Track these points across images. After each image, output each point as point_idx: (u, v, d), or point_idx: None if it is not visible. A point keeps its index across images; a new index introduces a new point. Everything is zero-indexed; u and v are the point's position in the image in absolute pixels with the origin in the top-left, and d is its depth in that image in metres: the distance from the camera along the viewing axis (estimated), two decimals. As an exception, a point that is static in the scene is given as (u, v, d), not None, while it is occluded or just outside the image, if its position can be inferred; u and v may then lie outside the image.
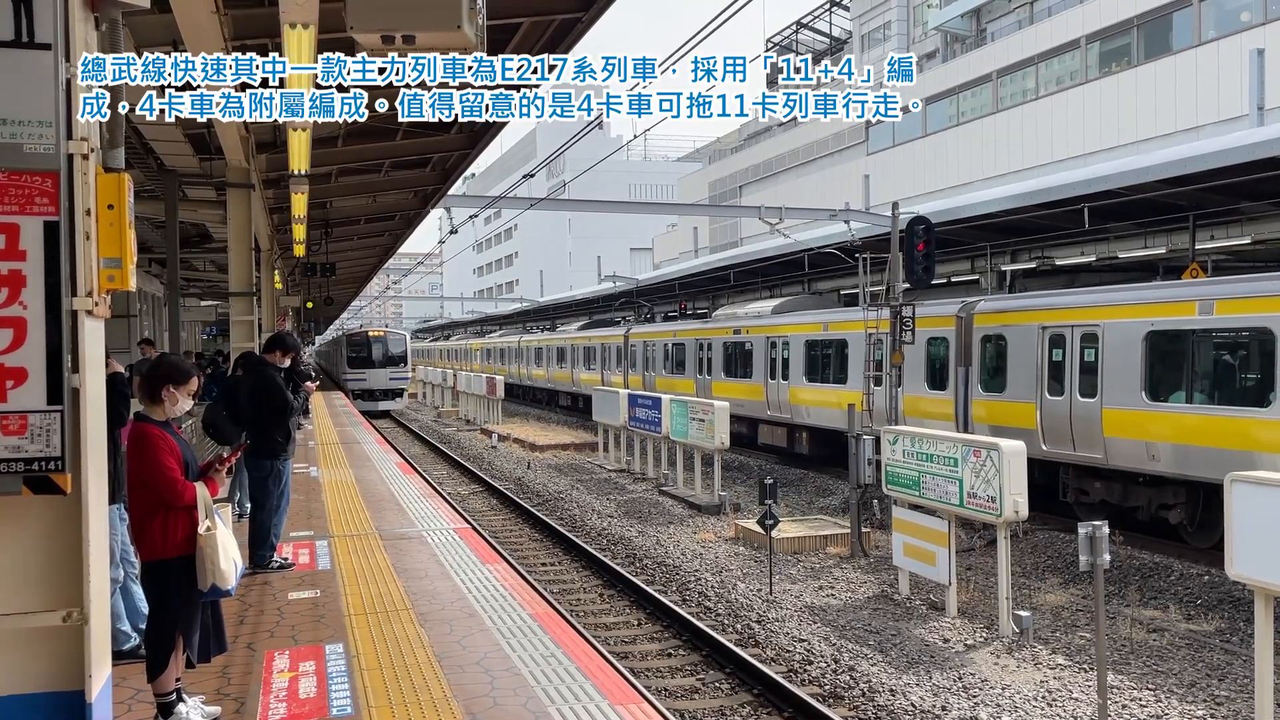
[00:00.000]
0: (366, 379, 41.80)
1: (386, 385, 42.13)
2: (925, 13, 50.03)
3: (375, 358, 41.98)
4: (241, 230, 15.16)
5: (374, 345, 42.41)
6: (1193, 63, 29.97)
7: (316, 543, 9.82)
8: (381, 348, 42.37)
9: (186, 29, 8.35)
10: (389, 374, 42.12)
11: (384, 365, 42.00)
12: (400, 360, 42.59)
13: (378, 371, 41.93)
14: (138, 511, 5.09)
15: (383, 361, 42.03)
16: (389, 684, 5.75)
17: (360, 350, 42.35)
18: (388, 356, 42.23)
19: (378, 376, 41.97)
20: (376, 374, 41.93)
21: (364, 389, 41.55)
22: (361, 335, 43.96)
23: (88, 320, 3.66)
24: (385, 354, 42.22)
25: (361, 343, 42.84)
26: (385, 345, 42.64)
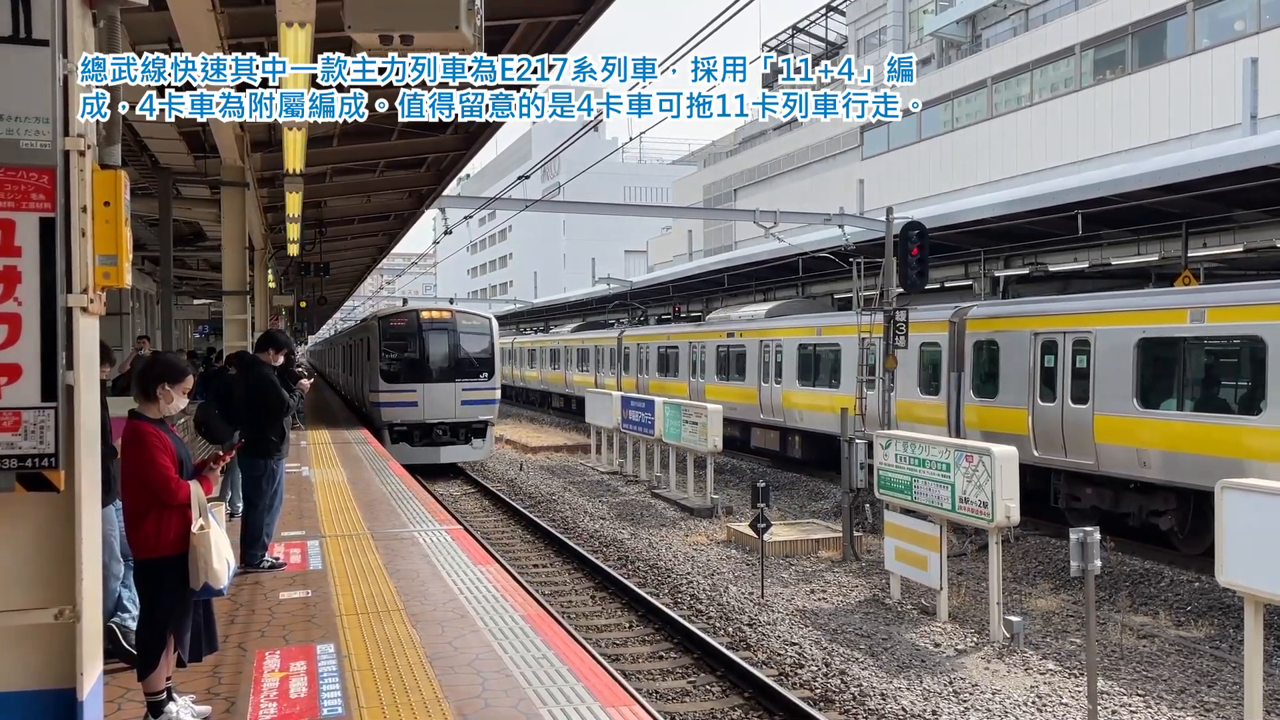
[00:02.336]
0: (420, 401, 23.08)
1: (458, 414, 23.31)
2: (920, 18, 50.14)
3: (436, 360, 23.52)
4: (236, 229, 15.14)
5: (433, 337, 23.74)
6: (1187, 71, 30.08)
7: (308, 543, 9.80)
8: (448, 342, 23.74)
9: (183, 27, 8.34)
10: (463, 391, 23.33)
11: (453, 375, 23.37)
12: (483, 365, 23.83)
13: (441, 388, 23.22)
14: (132, 509, 5.08)
15: (450, 368, 23.48)
16: (380, 684, 5.74)
17: (407, 347, 23.80)
18: (460, 359, 23.66)
19: (441, 398, 23.22)
20: (439, 392, 23.20)
21: (414, 422, 23.04)
22: (409, 320, 24.14)
23: (82, 317, 3.65)
24: (455, 354, 23.66)
25: (409, 332, 23.84)
26: (454, 338, 23.82)
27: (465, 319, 24.17)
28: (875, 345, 17.34)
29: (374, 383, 23.52)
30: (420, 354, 23.42)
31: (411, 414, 22.93)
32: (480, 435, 23.58)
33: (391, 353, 23.56)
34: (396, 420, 22.98)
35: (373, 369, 23.71)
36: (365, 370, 25.21)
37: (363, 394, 26.18)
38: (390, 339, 23.68)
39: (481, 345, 24.00)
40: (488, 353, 23.89)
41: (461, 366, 23.44)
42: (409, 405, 22.95)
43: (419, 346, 23.48)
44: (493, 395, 23.66)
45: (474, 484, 22.31)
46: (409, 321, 23.85)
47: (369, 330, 24.83)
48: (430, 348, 23.46)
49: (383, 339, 23.57)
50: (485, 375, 23.60)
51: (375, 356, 23.57)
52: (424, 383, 23.07)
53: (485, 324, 24.31)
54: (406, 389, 23.01)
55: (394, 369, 23.34)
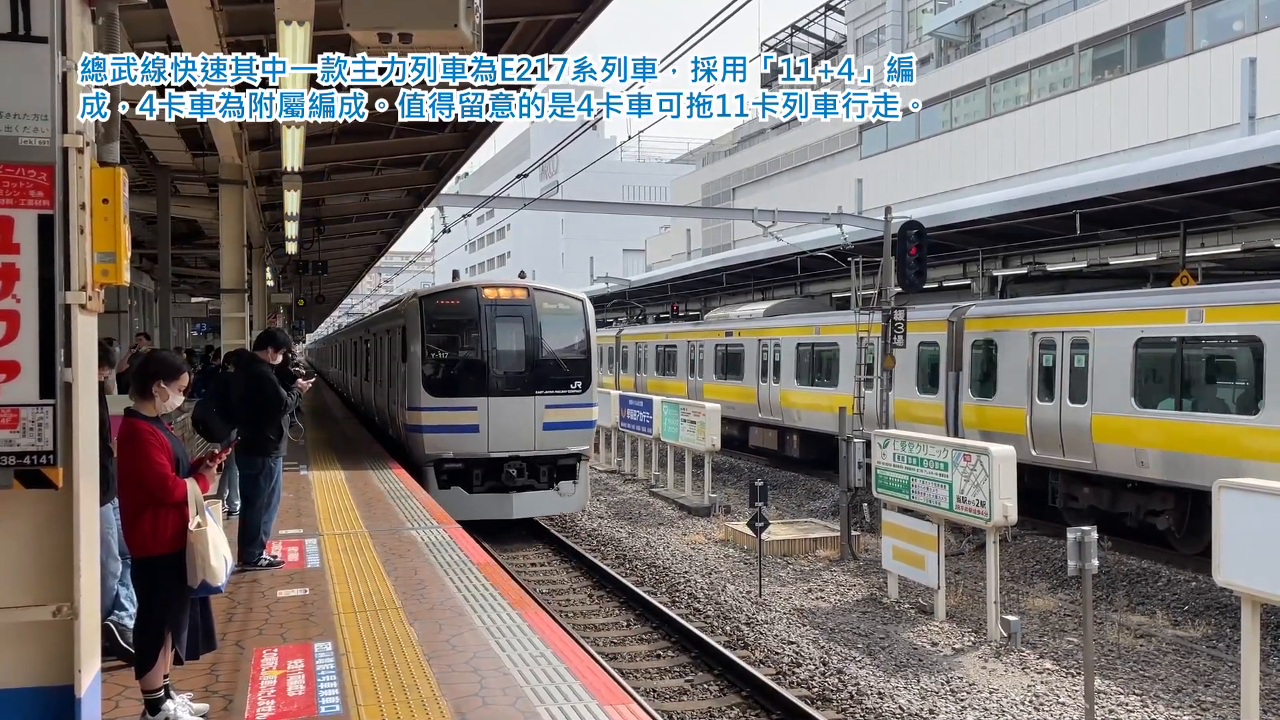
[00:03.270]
0: (483, 425, 15.83)
1: (540, 444, 16.03)
2: (919, 18, 50.13)
3: (506, 362, 16.17)
4: (234, 227, 15.13)
5: (502, 328, 16.29)
6: (1185, 71, 30.09)
7: (306, 540, 9.80)
8: (524, 335, 16.35)
9: (182, 25, 8.33)
10: (547, 410, 16.09)
11: (531, 384, 16.13)
12: (575, 370, 16.51)
13: (515, 404, 15.99)
14: (128, 507, 5.07)
15: (527, 374, 16.18)
16: (378, 682, 5.74)
17: (462, 340, 16.60)
18: (542, 360, 16.38)
19: (513, 419, 15.95)
20: (511, 411, 15.95)
21: (474, 456, 15.74)
22: (465, 300, 16.56)
23: (81, 314, 3.66)
24: (534, 352, 16.33)
25: (465, 319, 16.45)
26: (533, 328, 16.39)
27: (548, 300, 16.46)
28: (873, 344, 17.36)
29: (411, 395, 15.72)
30: (483, 352, 15.79)
31: (469, 443, 15.41)
32: (570, 475, 15.98)
33: (438, 350, 15.99)
34: (446, 453, 15.38)
35: (409, 375, 15.82)
36: (396, 376, 17.18)
37: (389, 410, 18.44)
38: (436, 329, 16.05)
39: (573, 339, 16.40)
40: (582, 351, 16.36)
41: (544, 372, 15.95)
42: (465, 431, 15.40)
43: (481, 341, 15.84)
44: (589, 416, 16.26)
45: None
46: (465, 303, 16.11)
47: (403, 317, 16.67)
48: (497, 343, 15.81)
49: (426, 330, 15.85)
50: (578, 385, 16.09)
51: (413, 356, 15.78)
52: (488, 395, 15.52)
53: (577, 308, 16.57)
54: (461, 406, 15.45)
55: (442, 375, 15.80)
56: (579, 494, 16.38)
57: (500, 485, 15.53)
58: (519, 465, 15.57)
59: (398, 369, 16.94)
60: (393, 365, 17.91)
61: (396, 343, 17.36)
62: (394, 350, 17.73)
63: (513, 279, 17.69)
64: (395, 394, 17.37)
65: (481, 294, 16.20)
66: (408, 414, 15.97)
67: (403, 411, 16.32)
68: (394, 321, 18.19)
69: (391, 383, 18.07)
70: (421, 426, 15.56)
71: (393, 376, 17.87)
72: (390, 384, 18.34)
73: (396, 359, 17.20)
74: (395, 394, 17.37)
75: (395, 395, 17.37)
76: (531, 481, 15.71)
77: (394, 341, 17.81)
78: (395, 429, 17.90)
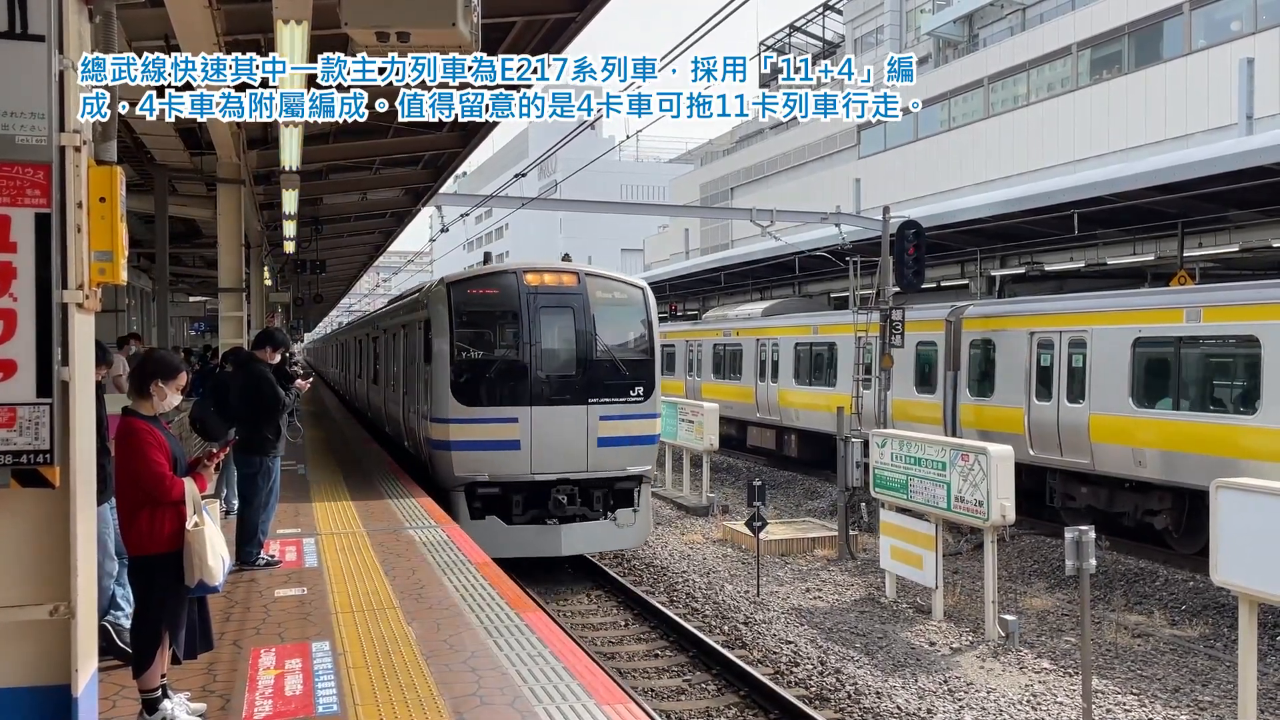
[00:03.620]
0: (526, 440, 13.05)
1: (594, 464, 13.28)
2: (918, 18, 50.16)
3: (554, 363, 13.43)
4: (232, 226, 15.13)
5: (549, 321, 13.53)
6: (1183, 71, 30.12)
7: (304, 540, 9.80)
8: (574, 329, 13.53)
9: (179, 24, 8.33)
10: (602, 421, 13.31)
11: (584, 391, 13.32)
12: (636, 374, 13.67)
13: (564, 415, 13.20)
14: (125, 506, 5.07)
15: (579, 378, 13.38)
16: (375, 682, 5.74)
17: (499, 336, 13.79)
18: (597, 361, 13.48)
19: (562, 432, 13.18)
20: (559, 423, 13.17)
21: (514, 478, 13.01)
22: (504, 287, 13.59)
23: (78, 313, 3.65)
24: (587, 351, 13.49)
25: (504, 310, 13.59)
26: (586, 321, 13.54)
27: (603, 288, 13.78)
28: (871, 344, 17.36)
29: (436, 404, 13.21)
30: (525, 351, 13.15)
31: (508, 463, 12.87)
32: (628, 501, 13.44)
33: (470, 348, 13.26)
34: (479, 475, 12.79)
35: (434, 379, 13.27)
36: (416, 380, 14.76)
37: (406, 420, 15.99)
38: (468, 322, 13.39)
39: (633, 335, 13.86)
40: (643, 349, 13.79)
41: (598, 375, 13.28)
42: (503, 448, 12.87)
43: (522, 337, 13.19)
44: (651, 429, 13.69)
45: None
46: (503, 290, 13.43)
47: (426, 308, 14.04)
48: (543, 339, 13.27)
49: (455, 323, 13.21)
50: (639, 392, 13.48)
51: (439, 356, 13.18)
52: (531, 405, 12.98)
53: (637, 297, 13.95)
54: (499, 417, 12.89)
55: (475, 379, 13.08)
56: (640, 525, 13.64)
57: (546, 515, 13.03)
58: (569, 490, 13.04)
59: (419, 372, 14.41)
60: (412, 367, 15.29)
61: (417, 340, 14.69)
62: (413, 349, 15.15)
63: (559, 263, 14.44)
64: (415, 402, 14.85)
65: (523, 279, 13.38)
66: (432, 427, 13.30)
67: (426, 424, 13.70)
68: (414, 314, 15.52)
69: (410, 388, 15.64)
70: (450, 442, 12.90)
71: (411, 381, 15.40)
72: (408, 390, 15.81)
73: (417, 359, 14.65)
74: (415, 402, 14.85)
75: (415, 403, 14.84)
76: (584, 510, 13.13)
77: (414, 338, 15.19)
78: (414, 443, 15.21)
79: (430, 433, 13.47)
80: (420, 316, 14.50)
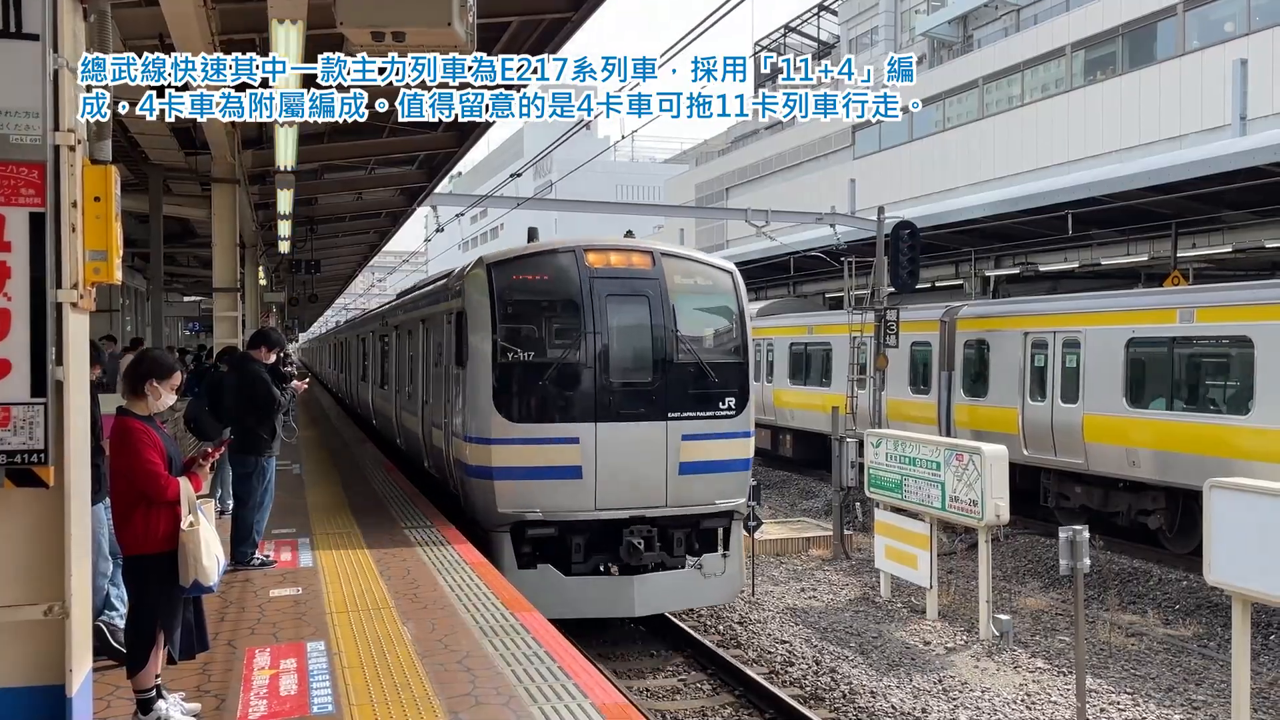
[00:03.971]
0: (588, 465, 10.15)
1: (674, 496, 10.31)
2: (913, 18, 50.24)
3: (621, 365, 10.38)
4: (226, 225, 15.09)
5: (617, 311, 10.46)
6: (1177, 72, 30.19)
7: (299, 540, 9.78)
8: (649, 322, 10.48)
9: (173, 23, 8.31)
10: (685, 442, 10.38)
11: (662, 404, 10.36)
12: (727, 380, 10.72)
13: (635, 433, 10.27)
14: (120, 506, 5.06)
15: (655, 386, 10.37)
16: (370, 682, 5.73)
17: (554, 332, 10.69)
18: (678, 365, 10.47)
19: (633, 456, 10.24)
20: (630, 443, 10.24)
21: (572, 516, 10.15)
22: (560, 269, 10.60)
23: (72, 313, 3.65)
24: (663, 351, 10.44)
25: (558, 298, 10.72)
26: (662, 313, 10.48)
27: (684, 271, 11.01)
28: (866, 344, 17.39)
29: (473, 419, 10.53)
30: (589, 350, 10.38)
31: (567, 495, 10.21)
32: (713, 543, 10.79)
33: (518, 348, 10.47)
34: (529, 510, 10.14)
35: (470, 388, 10.61)
36: (444, 388, 11.93)
37: (428, 438, 13.06)
38: (515, 315, 10.66)
39: (720, 331, 11.17)
40: (735, 349, 11.02)
41: (681, 383, 10.54)
42: (561, 476, 10.21)
43: (585, 333, 10.39)
44: (745, 452, 11.00)
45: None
46: (559, 274, 10.71)
47: (460, 296, 11.19)
48: (611, 336, 10.46)
49: (499, 316, 10.46)
50: (729, 404, 10.76)
51: (478, 358, 10.49)
52: (596, 421, 10.26)
53: (725, 283, 11.15)
54: (555, 437, 10.26)
55: (525, 387, 10.40)
56: (731, 574, 10.70)
57: (615, 562, 10.35)
58: (645, 532, 10.13)
59: (448, 377, 11.52)
60: (438, 372, 12.36)
61: (445, 337, 11.84)
62: (440, 348, 12.23)
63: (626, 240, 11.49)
64: (442, 415, 11.90)
65: (584, 260, 10.46)
66: (468, 449, 10.49)
67: (457, 444, 10.93)
68: (441, 305, 12.38)
69: (434, 397, 12.60)
70: (491, 469, 10.10)
71: (436, 388, 12.45)
72: (432, 399, 12.79)
73: (444, 361, 11.81)
74: (442, 415, 11.90)
75: (442, 417, 11.90)
76: (662, 556, 10.28)
77: (440, 335, 12.25)
78: (439, 466, 12.29)
79: (464, 455, 10.66)
80: (450, 308, 11.60)
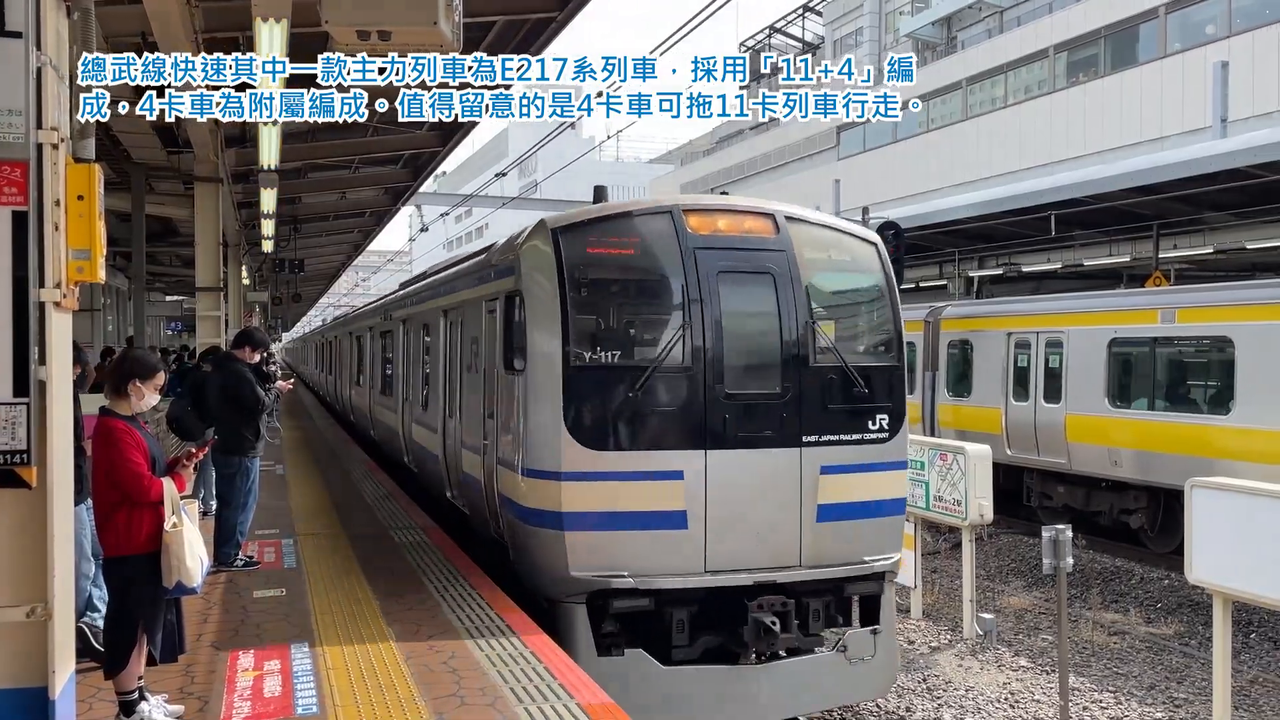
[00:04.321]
0: (694, 510, 7.13)
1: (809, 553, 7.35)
2: (897, 20, 50.41)
3: (740, 368, 7.38)
4: (209, 225, 15.02)
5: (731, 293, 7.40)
6: (1158, 74, 30.39)
7: (283, 541, 9.73)
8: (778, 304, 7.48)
9: (157, 21, 8.27)
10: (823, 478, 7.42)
11: (795, 423, 7.36)
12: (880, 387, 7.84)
13: (761, 463, 7.30)
14: (102, 507, 5.02)
15: (784, 394, 7.38)
16: (355, 683, 5.71)
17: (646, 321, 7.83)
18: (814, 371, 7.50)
19: (760, 491, 7.26)
20: (753, 476, 7.27)
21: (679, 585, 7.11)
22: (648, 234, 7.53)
23: (55, 312, 3.62)
24: (798, 345, 7.44)
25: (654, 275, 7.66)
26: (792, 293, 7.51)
27: (814, 243, 8.13)
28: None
29: (534, 443, 7.40)
30: (694, 348, 7.35)
31: (664, 552, 7.22)
32: (863, 615, 8.04)
33: (595, 346, 7.47)
34: (614, 573, 7.12)
35: (528, 400, 7.45)
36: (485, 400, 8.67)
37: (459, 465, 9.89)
38: (593, 302, 7.70)
39: (868, 323, 8.82)
40: (886, 345, 8.41)
41: (819, 393, 7.62)
42: (659, 524, 7.23)
43: (689, 324, 7.37)
44: (897, 489, 8.03)
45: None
46: (653, 244, 7.66)
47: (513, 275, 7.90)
48: (724, 326, 7.44)
49: (572, 302, 7.32)
50: (882, 421, 7.83)
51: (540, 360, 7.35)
52: (707, 447, 7.27)
53: (869, 259, 8.49)
54: (650, 470, 7.23)
55: (608, 401, 7.27)
56: (884, 657, 7.76)
57: (733, 645, 7.29)
58: (779, 605, 7.26)
59: (491, 386, 8.40)
60: (473, 378, 9.15)
61: (486, 331, 8.66)
62: (476, 347, 9.04)
63: (729, 198, 8.73)
64: (479, 435, 8.72)
65: (684, 224, 7.52)
66: (525, 485, 7.49)
67: (508, 477, 7.82)
68: (479, 288, 9.12)
69: (467, 412, 9.40)
70: (562, 515, 7.17)
71: (470, 400, 9.23)
72: (465, 415, 9.51)
73: (483, 365, 8.72)
74: (479, 435, 8.72)
75: (479, 438, 8.71)
76: (797, 637, 7.38)
77: (476, 329, 9.05)
78: (475, 502, 9.10)
79: (518, 494, 7.55)
80: (495, 292, 8.34)
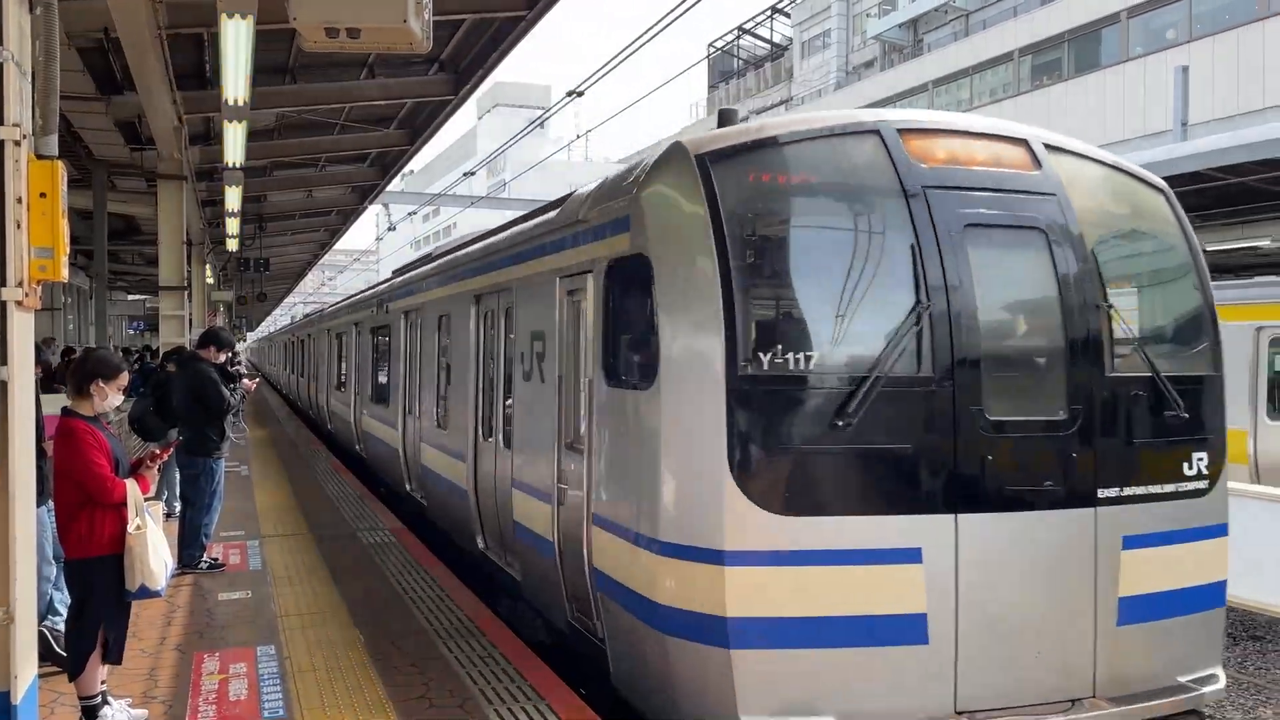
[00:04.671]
0: (940, 614, 4.41)
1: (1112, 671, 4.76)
2: (864, 22, 50.75)
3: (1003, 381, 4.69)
4: (173, 223, 14.82)
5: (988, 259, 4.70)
6: (1120, 78, 30.82)
7: (248, 543, 9.65)
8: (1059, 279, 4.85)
9: (120, 16, 8.16)
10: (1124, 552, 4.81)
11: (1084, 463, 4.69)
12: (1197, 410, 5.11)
13: (1039, 532, 4.64)
14: (64, 508, 4.95)
15: (1070, 420, 4.71)
16: (322, 686, 5.67)
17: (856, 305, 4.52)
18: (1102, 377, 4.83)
19: (1039, 580, 4.61)
20: (1030, 558, 4.61)
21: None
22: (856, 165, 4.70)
23: (17, 311, 3.56)
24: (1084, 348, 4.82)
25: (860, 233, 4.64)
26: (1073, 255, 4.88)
27: (1088, 183, 5.53)
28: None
29: (675, 504, 4.56)
30: (932, 347, 4.56)
31: (888, 686, 4.47)
32: None
33: (772, 342, 4.45)
34: (801, 715, 4.33)
35: (659, 431, 4.57)
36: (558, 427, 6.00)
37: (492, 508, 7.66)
38: (770, 271, 4.77)
39: (1170, 307, 5.76)
40: (1198, 340, 5.45)
41: (1117, 419, 4.91)
42: (880, 638, 4.43)
43: (921, 309, 4.56)
44: (1218, 568, 5.20)
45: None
46: (859, 178, 4.84)
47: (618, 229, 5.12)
48: (977, 312, 4.65)
49: (738, 271, 4.43)
50: (1200, 463, 5.08)
51: (675, 365, 4.55)
52: (956, 509, 4.52)
53: (1163, 213, 5.98)
54: (867, 546, 4.41)
55: (799, 438, 4.44)
56: None
57: None
58: None
59: (572, 403, 5.99)
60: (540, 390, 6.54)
61: (567, 321, 6.14)
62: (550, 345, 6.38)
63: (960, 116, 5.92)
64: (551, 476, 6.19)
65: (903, 151, 4.89)
66: (651, 565, 4.74)
67: (618, 549, 5.12)
68: (562, 255, 6.27)
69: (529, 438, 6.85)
70: (727, 622, 4.41)
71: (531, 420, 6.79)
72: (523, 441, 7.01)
73: (565, 372, 6.12)
74: (551, 476, 6.19)
75: (552, 479, 6.17)
76: None
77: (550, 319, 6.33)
78: (543, 576, 6.55)
79: (640, 580, 4.93)
80: (592, 260, 5.69)
